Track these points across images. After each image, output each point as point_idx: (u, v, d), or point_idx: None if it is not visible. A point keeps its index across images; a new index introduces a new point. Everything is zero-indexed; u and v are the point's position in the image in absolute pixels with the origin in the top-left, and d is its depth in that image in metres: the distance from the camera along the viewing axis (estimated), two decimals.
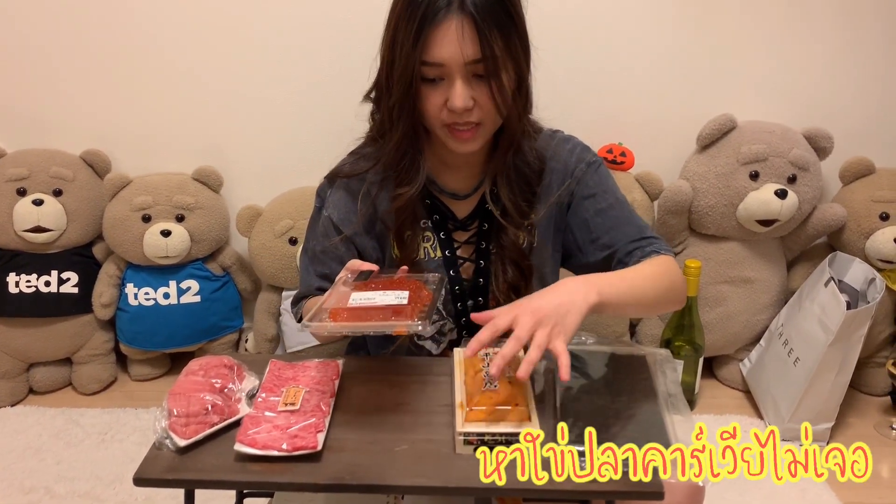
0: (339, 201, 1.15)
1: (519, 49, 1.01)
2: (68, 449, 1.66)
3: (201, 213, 1.85)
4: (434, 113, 1.02)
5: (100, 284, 1.89)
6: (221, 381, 0.94)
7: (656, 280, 1.04)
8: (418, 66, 0.98)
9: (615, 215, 1.12)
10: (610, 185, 1.15)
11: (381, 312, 0.84)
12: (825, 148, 1.78)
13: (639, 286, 1.01)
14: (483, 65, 0.97)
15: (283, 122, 1.90)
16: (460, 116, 1.00)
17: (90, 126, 1.90)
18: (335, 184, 1.16)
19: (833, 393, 1.63)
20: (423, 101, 1.01)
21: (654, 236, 1.12)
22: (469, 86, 0.99)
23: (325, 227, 1.16)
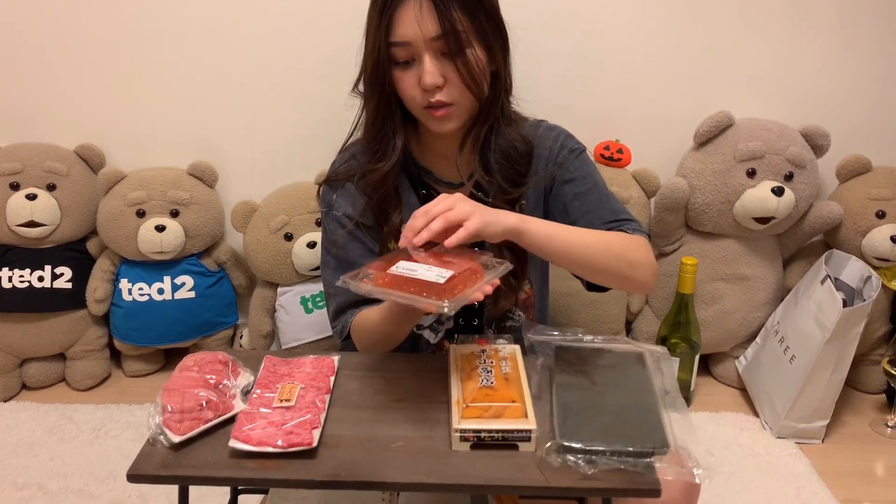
0: (346, 197, 1.16)
1: (487, 27, 1.04)
2: (62, 445, 1.65)
3: (196, 208, 1.84)
4: (411, 94, 1.05)
5: (94, 280, 1.88)
6: (216, 377, 0.93)
7: (610, 246, 1.04)
8: (385, 48, 1.01)
9: (592, 199, 1.13)
10: (590, 171, 1.16)
11: (416, 286, 0.84)
12: (822, 146, 1.78)
13: (578, 241, 1.00)
14: (443, 41, 1.00)
15: (280, 117, 1.89)
16: (433, 95, 1.03)
17: (84, 120, 1.89)
18: (336, 187, 1.17)
19: (829, 391, 1.63)
20: (400, 85, 1.05)
21: (630, 219, 1.12)
22: (439, 63, 1.01)
23: (337, 225, 1.17)
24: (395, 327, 1.07)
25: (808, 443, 1.68)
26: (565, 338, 1.02)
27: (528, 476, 0.81)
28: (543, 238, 0.98)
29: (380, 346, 1.11)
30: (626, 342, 1.03)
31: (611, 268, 1.04)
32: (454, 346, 1.01)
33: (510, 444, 0.84)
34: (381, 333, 1.09)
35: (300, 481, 0.82)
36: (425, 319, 1.19)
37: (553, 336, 1.02)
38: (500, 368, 0.94)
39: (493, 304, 1.19)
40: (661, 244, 1.89)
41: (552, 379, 0.94)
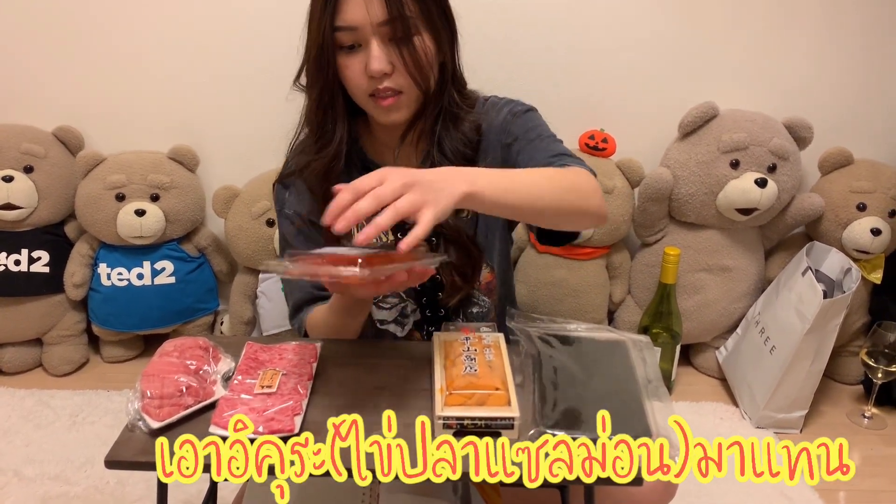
0: (298, 195, 1.14)
1: (436, 16, 1.02)
2: (38, 431, 1.63)
3: (177, 192, 1.82)
4: (357, 81, 1.02)
5: (72, 264, 1.86)
6: (196, 362, 0.92)
7: (554, 181, 0.95)
8: (330, 32, 0.98)
9: (533, 147, 1.08)
10: (533, 125, 1.11)
11: (338, 260, 0.78)
12: (805, 138, 1.80)
13: (526, 183, 0.91)
14: (391, 27, 0.97)
15: (262, 101, 1.84)
16: (380, 82, 1.00)
17: (63, 102, 1.86)
18: (289, 185, 1.16)
19: (808, 381, 1.65)
20: (345, 72, 1.02)
21: (568, 154, 1.06)
22: (386, 50, 0.99)
23: (289, 224, 1.15)
24: (345, 319, 1.05)
25: (787, 433, 1.70)
26: (549, 326, 1.02)
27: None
28: (497, 192, 0.87)
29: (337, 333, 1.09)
30: (609, 331, 1.03)
31: (564, 202, 0.95)
32: (438, 333, 1.01)
33: (493, 431, 0.84)
34: (333, 326, 1.07)
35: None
36: (388, 314, 1.17)
37: (537, 325, 1.01)
38: (484, 356, 0.93)
39: (448, 295, 1.16)
40: (645, 234, 1.90)
41: (536, 367, 0.94)
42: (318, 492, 1.01)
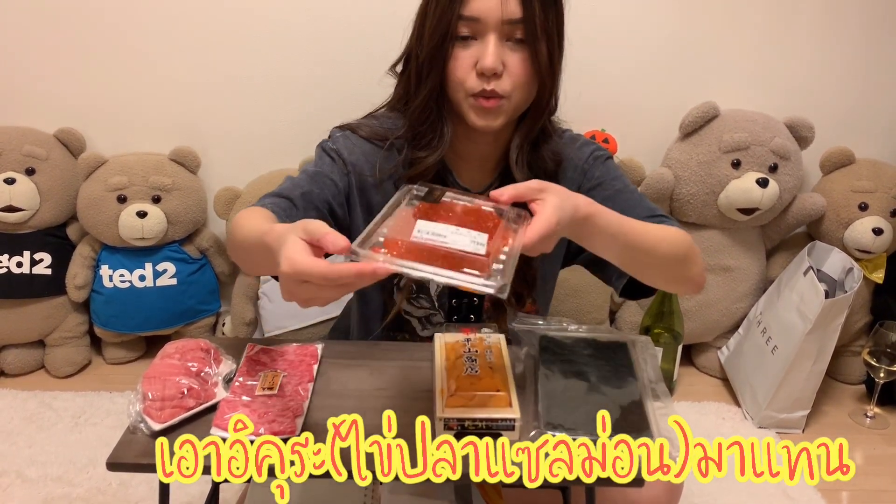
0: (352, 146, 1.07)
1: (554, 30, 0.99)
2: (41, 433, 1.63)
3: (178, 194, 1.82)
4: (461, 76, 0.98)
5: (73, 266, 1.86)
6: (198, 364, 0.92)
7: (668, 239, 0.95)
8: (456, 22, 0.95)
9: (625, 198, 1.07)
10: (618, 174, 1.11)
11: (449, 259, 0.70)
12: (806, 137, 1.79)
13: (639, 231, 0.91)
14: (523, 27, 0.95)
15: (264, 102, 1.86)
16: (488, 82, 0.96)
17: (64, 104, 1.86)
18: (348, 135, 1.09)
19: (809, 381, 1.64)
20: (452, 61, 0.98)
21: (668, 217, 1.07)
22: (503, 50, 0.96)
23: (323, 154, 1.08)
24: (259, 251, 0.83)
25: (789, 432, 1.69)
26: (550, 327, 1.01)
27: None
28: (614, 225, 0.88)
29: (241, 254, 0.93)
30: (610, 332, 1.03)
31: (669, 261, 0.96)
32: (439, 334, 1.00)
33: (494, 432, 0.84)
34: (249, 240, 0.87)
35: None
36: (413, 310, 1.17)
37: (538, 325, 1.01)
38: (485, 357, 0.93)
39: (491, 313, 1.16)
40: None
41: (537, 368, 0.93)
42: (320, 493, 1.01)
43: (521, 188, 0.79)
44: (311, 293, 0.69)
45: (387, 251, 0.70)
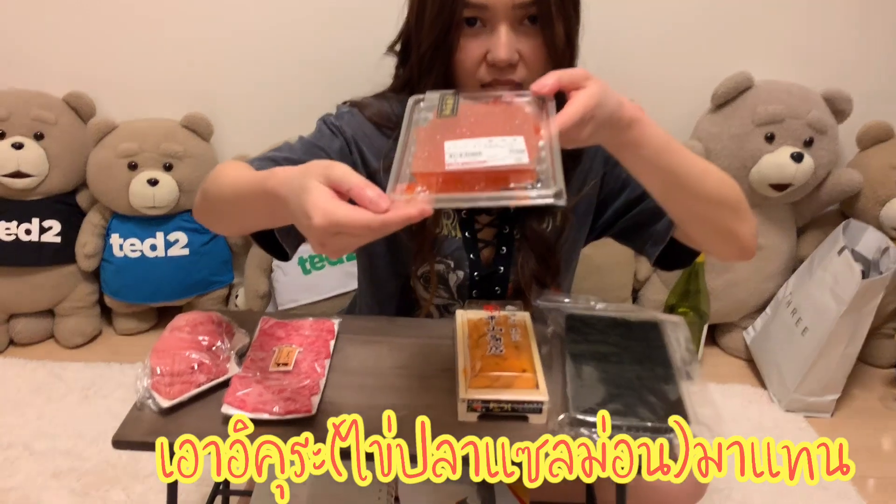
0: (357, 125, 1.01)
1: (570, 5, 0.91)
2: (49, 404, 1.61)
3: (190, 162, 1.78)
4: (470, 68, 0.90)
5: (83, 234, 1.83)
6: (209, 338, 0.89)
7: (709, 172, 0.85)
8: (460, 9, 0.87)
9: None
10: None
11: (492, 178, 0.64)
12: (844, 110, 1.72)
13: (693, 159, 0.82)
14: (537, 7, 0.86)
15: (279, 67, 1.81)
16: (501, 73, 0.89)
17: (74, 67, 1.82)
18: (354, 113, 1.03)
19: (841, 365, 1.60)
20: (459, 52, 0.90)
21: None
22: (516, 36, 0.88)
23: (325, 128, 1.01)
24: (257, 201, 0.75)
25: (817, 416, 1.65)
26: (576, 305, 0.97)
27: None
28: (661, 140, 0.79)
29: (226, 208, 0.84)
30: (639, 310, 0.98)
31: (717, 203, 0.86)
32: (461, 311, 0.96)
33: (520, 415, 0.81)
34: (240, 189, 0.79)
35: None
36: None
37: (564, 304, 0.97)
38: (510, 336, 0.90)
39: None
40: None
41: (564, 348, 0.89)
42: (335, 487, 0.98)
43: (564, 75, 0.72)
44: (347, 243, 0.64)
45: (424, 188, 0.64)
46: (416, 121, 0.76)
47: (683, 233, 0.96)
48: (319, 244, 0.64)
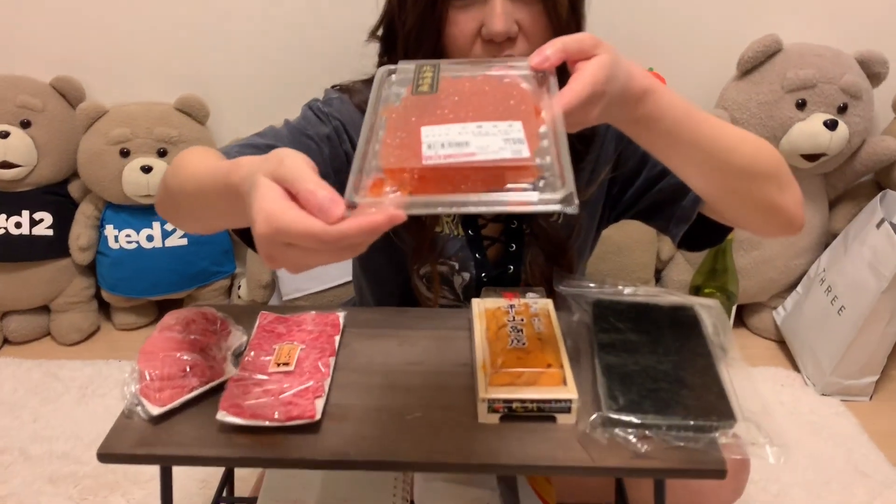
0: (349, 112, 0.94)
1: None
2: (46, 405, 1.56)
3: (186, 147, 1.68)
4: (463, 45, 0.82)
5: (77, 226, 1.78)
6: (202, 337, 0.83)
7: (742, 139, 0.75)
8: None
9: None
10: None
11: (483, 176, 0.52)
12: (879, 74, 1.63)
13: (711, 124, 0.72)
14: None
15: (276, 47, 1.75)
16: (499, 49, 0.80)
17: (61, 50, 1.76)
18: (343, 98, 0.95)
19: (881, 344, 1.52)
20: (451, 28, 0.82)
21: None
22: (511, 4, 0.79)
23: (312, 115, 0.94)
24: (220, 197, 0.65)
25: (855, 400, 1.57)
26: (603, 290, 0.89)
27: (570, 454, 0.70)
28: (680, 109, 0.69)
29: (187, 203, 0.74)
30: (671, 294, 0.90)
31: (754, 174, 0.75)
32: (477, 300, 0.89)
33: (547, 415, 0.74)
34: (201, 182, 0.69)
35: (301, 461, 0.71)
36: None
37: (589, 288, 0.89)
38: (533, 327, 0.82)
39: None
40: None
41: (592, 339, 0.82)
42: (346, 487, 0.92)
43: (569, 42, 0.62)
44: (299, 257, 0.52)
45: (394, 187, 0.51)
46: (385, 97, 0.62)
47: (718, 212, 0.87)
48: (267, 256, 0.53)
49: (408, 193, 0.51)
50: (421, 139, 0.54)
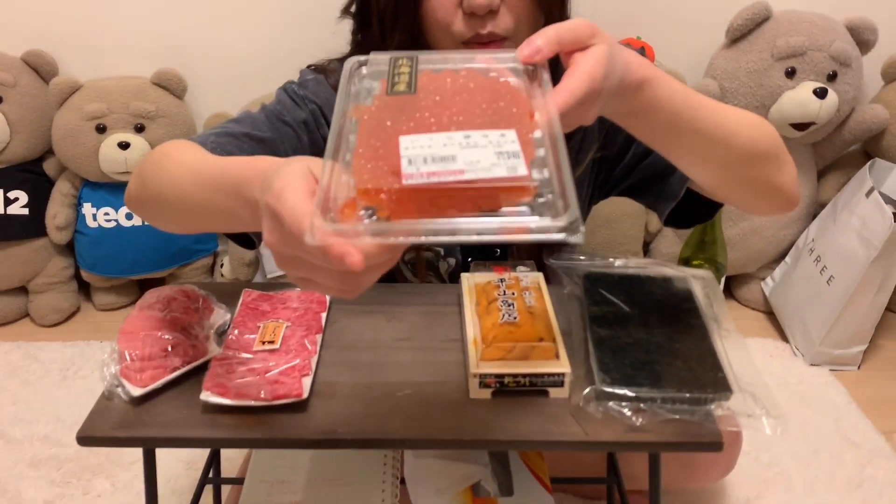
0: (326, 94, 0.91)
1: None
2: (25, 388, 1.52)
3: (164, 122, 1.68)
4: (443, 19, 0.78)
5: (53, 204, 1.73)
6: (184, 315, 0.80)
7: (740, 122, 0.71)
8: None
9: None
10: None
11: (473, 197, 0.45)
12: (869, 41, 1.61)
13: (709, 109, 0.68)
14: None
15: (254, 17, 1.70)
16: (482, 23, 0.77)
17: (31, 23, 1.70)
18: (320, 80, 0.92)
19: (870, 314, 1.52)
20: (429, 3, 0.78)
21: None
22: None
23: (287, 98, 0.91)
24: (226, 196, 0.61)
25: (844, 369, 1.57)
26: (593, 263, 0.88)
27: (563, 429, 0.69)
28: (678, 97, 0.64)
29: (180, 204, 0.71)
30: (662, 266, 0.89)
31: (754, 158, 0.72)
32: (466, 274, 0.87)
33: (539, 390, 0.72)
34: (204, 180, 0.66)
35: (289, 440, 0.70)
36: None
37: (580, 261, 0.88)
38: (524, 300, 0.80)
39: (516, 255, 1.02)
40: None
41: (584, 312, 0.80)
42: (336, 467, 0.91)
43: (564, 32, 0.55)
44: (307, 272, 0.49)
45: (370, 210, 0.45)
46: (355, 93, 0.55)
47: (718, 196, 0.83)
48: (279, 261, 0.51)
49: (386, 217, 0.44)
50: (399, 151, 0.46)
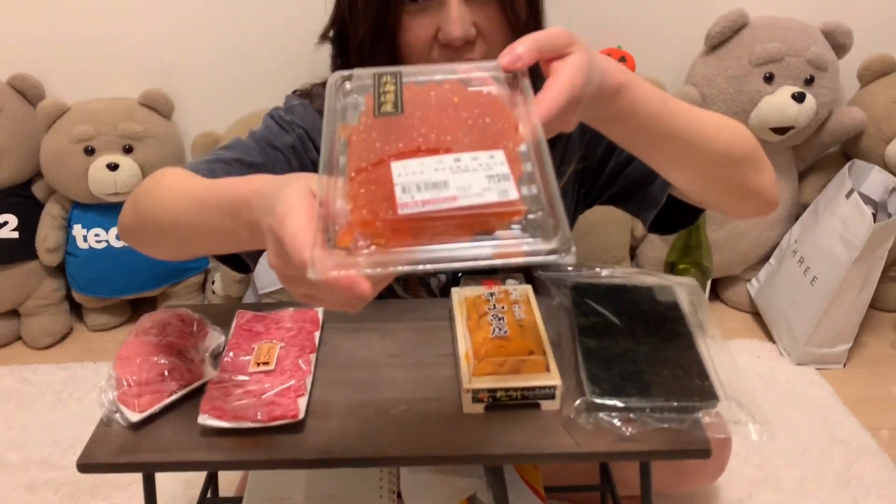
0: (313, 119, 0.92)
1: None
2: (20, 411, 1.52)
3: (152, 142, 1.68)
4: (420, 51, 0.79)
5: (43, 227, 1.73)
6: (179, 339, 0.81)
7: (718, 126, 0.72)
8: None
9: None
10: None
11: (466, 223, 0.45)
12: (844, 45, 1.64)
13: (687, 114, 0.69)
14: None
15: (241, 36, 1.71)
16: (458, 53, 0.78)
17: (17, 47, 1.70)
18: (306, 104, 0.93)
19: (853, 313, 1.54)
20: (406, 34, 0.79)
21: None
22: (466, 7, 0.76)
23: (274, 124, 0.92)
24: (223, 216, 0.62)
25: (829, 368, 1.59)
26: (581, 273, 0.89)
27: (555, 441, 0.71)
28: (656, 102, 0.65)
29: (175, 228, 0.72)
30: (648, 275, 0.90)
31: (732, 161, 0.73)
32: (456, 289, 0.88)
33: (531, 403, 0.74)
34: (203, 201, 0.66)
35: (286, 461, 0.70)
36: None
37: (567, 272, 0.89)
38: (514, 314, 0.81)
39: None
40: None
41: (572, 322, 0.82)
42: (333, 482, 0.92)
43: (543, 41, 0.56)
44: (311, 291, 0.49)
45: (367, 240, 0.45)
46: (342, 109, 0.55)
47: (697, 201, 0.85)
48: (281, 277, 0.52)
49: (383, 244, 0.45)
50: (392, 178, 0.47)
